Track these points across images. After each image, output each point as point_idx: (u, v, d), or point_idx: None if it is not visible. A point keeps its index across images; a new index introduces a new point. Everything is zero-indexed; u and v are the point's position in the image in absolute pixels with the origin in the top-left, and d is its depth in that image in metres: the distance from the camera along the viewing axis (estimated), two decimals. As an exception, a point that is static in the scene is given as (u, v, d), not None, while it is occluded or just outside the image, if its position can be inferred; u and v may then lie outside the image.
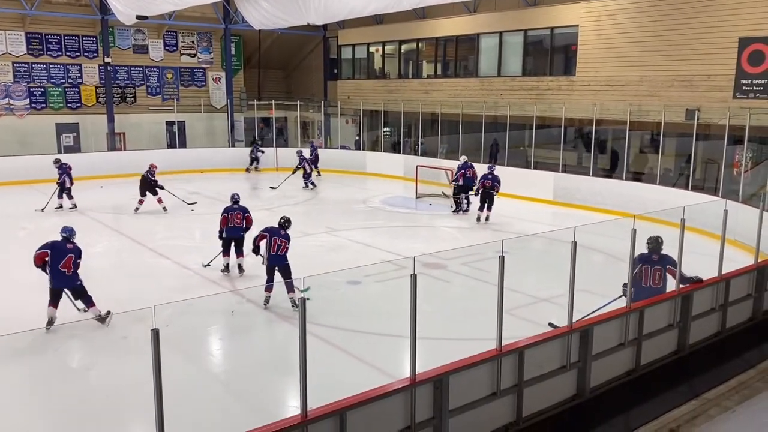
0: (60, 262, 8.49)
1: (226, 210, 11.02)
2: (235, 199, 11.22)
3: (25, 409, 6.53)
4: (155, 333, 4.12)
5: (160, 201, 14.93)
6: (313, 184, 20.70)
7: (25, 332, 4.46)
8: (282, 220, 9.72)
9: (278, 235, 9.48)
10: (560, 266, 7.47)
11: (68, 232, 8.89)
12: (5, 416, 6.34)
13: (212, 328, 8.97)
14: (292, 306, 9.24)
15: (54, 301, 8.53)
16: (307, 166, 20.45)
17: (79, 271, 8.70)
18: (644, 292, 7.51)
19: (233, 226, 10.88)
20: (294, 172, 20.41)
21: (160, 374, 4.19)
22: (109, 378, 7.43)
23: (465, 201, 17.01)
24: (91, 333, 8.54)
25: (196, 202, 11.04)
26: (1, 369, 7.02)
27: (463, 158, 17.39)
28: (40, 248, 8.56)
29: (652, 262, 7.64)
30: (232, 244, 10.97)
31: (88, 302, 8.79)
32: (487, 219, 15.66)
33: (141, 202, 15.09)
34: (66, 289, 8.66)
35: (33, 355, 7.49)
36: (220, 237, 11.02)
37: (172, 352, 5.05)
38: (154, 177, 15.35)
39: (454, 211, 17.00)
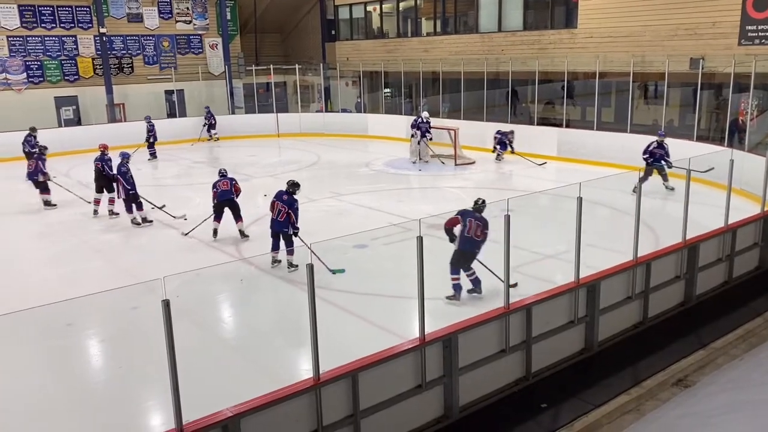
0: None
1: (214, 184, 11.14)
2: (222, 173, 11.33)
3: (39, 382, 6.65)
4: (166, 304, 4.16)
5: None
6: (155, 156, 19.51)
7: (40, 307, 4.50)
8: (288, 184, 9.55)
9: (279, 198, 9.38)
10: (566, 222, 7.48)
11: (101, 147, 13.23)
12: (21, 391, 6.46)
13: (222, 296, 9.06)
14: (288, 267, 9.30)
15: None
16: (152, 137, 19.46)
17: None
18: (468, 242, 7.93)
19: (222, 191, 10.98)
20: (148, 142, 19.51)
21: (173, 343, 4.26)
22: (121, 348, 7.55)
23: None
24: (102, 305, 8.63)
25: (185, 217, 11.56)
26: (14, 343, 7.12)
27: (424, 114, 18.97)
28: None
29: (474, 216, 8.00)
30: (225, 210, 11.04)
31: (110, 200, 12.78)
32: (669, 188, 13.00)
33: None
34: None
35: (46, 329, 7.59)
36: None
37: (183, 321, 5.11)
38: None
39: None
